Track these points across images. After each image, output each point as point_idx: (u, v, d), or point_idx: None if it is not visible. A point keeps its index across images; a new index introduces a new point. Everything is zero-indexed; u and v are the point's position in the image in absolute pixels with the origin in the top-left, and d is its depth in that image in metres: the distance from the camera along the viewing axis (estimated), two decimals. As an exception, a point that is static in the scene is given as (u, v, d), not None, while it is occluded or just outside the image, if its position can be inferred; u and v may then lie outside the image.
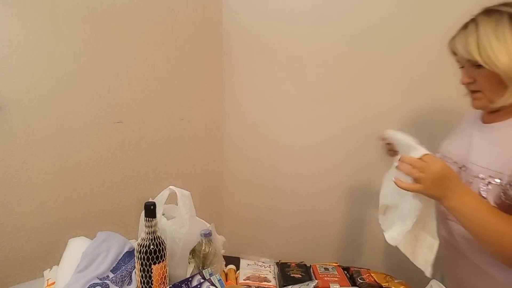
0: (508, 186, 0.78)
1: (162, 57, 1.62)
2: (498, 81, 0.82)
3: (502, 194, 0.79)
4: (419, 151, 0.80)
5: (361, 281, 0.99)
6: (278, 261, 1.11)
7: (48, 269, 1.02)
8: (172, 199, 1.02)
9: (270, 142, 1.92)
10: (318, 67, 1.76)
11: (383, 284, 0.98)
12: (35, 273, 1.18)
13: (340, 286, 0.96)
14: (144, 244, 0.83)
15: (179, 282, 0.89)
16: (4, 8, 1.08)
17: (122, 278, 0.93)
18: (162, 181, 1.67)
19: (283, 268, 1.06)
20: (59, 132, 1.25)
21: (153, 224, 0.84)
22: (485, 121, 0.93)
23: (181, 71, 1.73)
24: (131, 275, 0.95)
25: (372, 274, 1.03)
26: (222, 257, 1.07)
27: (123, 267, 0.96)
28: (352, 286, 0.98)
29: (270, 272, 1.04)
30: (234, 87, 1.99)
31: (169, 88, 1.68)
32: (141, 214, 0.93)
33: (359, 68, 1.66)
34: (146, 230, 0.84)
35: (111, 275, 0.93)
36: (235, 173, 2.05)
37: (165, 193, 1.01)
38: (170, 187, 1.00)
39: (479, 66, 0.83)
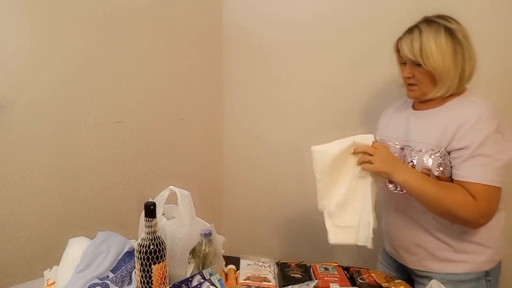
0: (445, 156, 1.01)
1: (162, 58, 1.62)
2: (432, 78, 1.04)
3: (441, 163, 1.02)
4: (368, 139, 1.00)
5: (361, 281, 0.99)
6: (278, 261, 1.11)
7: (48, 269, 1.02)
8: (172, 199, 1.02)
9: (270, 142, 1.92)
10: (318, 69, 1.76)
11: (383, 284, 0.98)
12: (35, 273, 1.18)
13: (340, 286, 0.96)
14: (144, 244, 0.83)
15: (179, 282, 0.89)
16: (5, 8, 1.08)
17: (122, 278, 0.93)
18: (162, 181, 1.67)
19: (283, 268, 1.05)
20: (59, 132, 1.25)
21: (153, 224, 0.84)
22: (416, 108, 1.15)
23: (181, 71, 1.73)
24: (131, 275, 0.95)
25: (372, 274, 1.03)
26: (222, 257, 1.07)
27: (123, 267, 0.96)
28: (352, 286, 0.97)
29: (270, 272, 1.04)
30: (234, 87, 1.99)
31: (169, 88, 1.68)
32: (141, 214, 0.93)
33: (359, 71, 1.67)
34: (146, 230, 0.84)
35: (111, 275, 0.93)
36: (235, 173, 2.05)
37: (165, 193, 1.01)
38: (170, 187, 1.00)
39: (419, 65, 1.04)
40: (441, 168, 1.01)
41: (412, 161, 1.06)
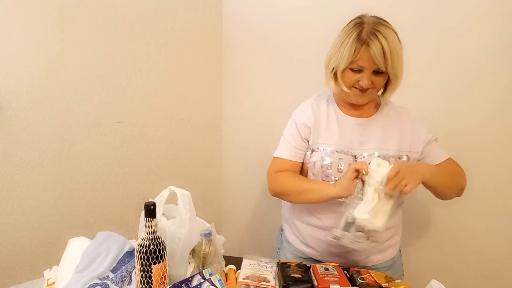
0: (408, 158, 1.08)
1: (162, 57, 1.62)
2: (384, 83, 1.05)
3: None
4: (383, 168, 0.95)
5: (361, 281, 0.99)
6: (278, 261, 1.11)
7: (48, 269, 1.01)
8: (172, 199, 1.02)
9: (270, 142, 1.91)
10: (318, 67, 1.75)
11: (383, 284, 0.98)
12: (35, 273, 1.18)
13: (340, 286, 0.95)
14: (144, 244, 0.83)
15: (179, 282, 0.89)
16: (4, 8, 1.08)
17: (122, 278, 0.93)
18: (162, 181, 1.67)
19: (283, 268, 1.05)
20: (59, 132, 1.25)
21: (153, 224, 0.84)
22: (352, 115, 1.13)
23: (181, 71, 1.73)
24: (131, 275, 0.95)
25: (372, 274, 1.03)
26: (222, 257, 1.07)
27: (123, 267, 0.96)
28: (352, 286, 0.97)
29: (271, 272, 1.04)
30: (234, 87, 1.98)
31: (169, 88, 1.68)
32: (141, 214, 0.93)
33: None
34: (146, 230, 0.84)
35: (111, 275, 0.93)
36: (235, 173, 2.05)
37: (165, 193, 1.01)
38: (170, 187, 1.00)
39: (379, 71, 1.00)
40: None
41: None
